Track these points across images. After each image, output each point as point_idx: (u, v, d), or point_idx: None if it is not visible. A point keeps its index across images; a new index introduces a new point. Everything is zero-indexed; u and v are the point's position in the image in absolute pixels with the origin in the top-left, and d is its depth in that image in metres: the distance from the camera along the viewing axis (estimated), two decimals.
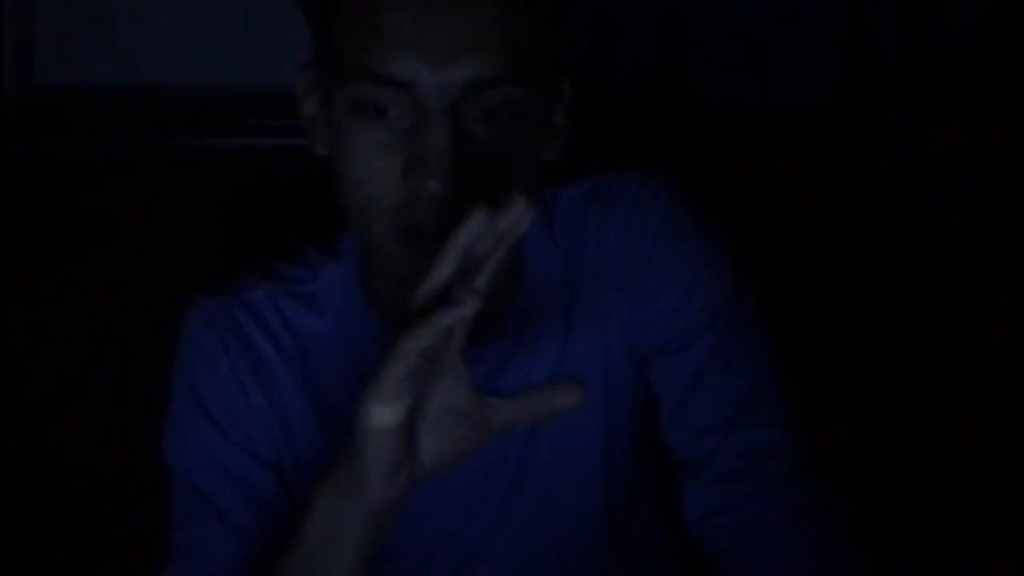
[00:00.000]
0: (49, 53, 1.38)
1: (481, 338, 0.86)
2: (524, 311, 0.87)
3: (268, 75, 1.33)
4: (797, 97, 1.45)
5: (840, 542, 0.83)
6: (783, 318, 0.92)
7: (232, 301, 0.89)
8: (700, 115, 1.40)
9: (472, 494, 0.89)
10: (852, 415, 1.27)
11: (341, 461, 0.70)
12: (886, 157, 1.37)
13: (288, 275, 0.91)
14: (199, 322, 0.89)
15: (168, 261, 1.29)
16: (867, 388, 1.30)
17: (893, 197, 1.36)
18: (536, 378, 0.87)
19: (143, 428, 0.94)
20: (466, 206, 0.73)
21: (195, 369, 0.88)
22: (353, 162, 0.76)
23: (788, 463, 0.84)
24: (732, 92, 1.45)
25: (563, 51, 0.81)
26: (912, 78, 1.44)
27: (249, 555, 0.85)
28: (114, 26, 1.39)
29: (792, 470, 0.84)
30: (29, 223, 1.28)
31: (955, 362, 1.32)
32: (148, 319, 1.23)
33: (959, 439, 1.30)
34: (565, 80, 0.83)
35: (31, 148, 1.30)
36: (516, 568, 0.91)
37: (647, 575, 0.99)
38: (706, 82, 1.44)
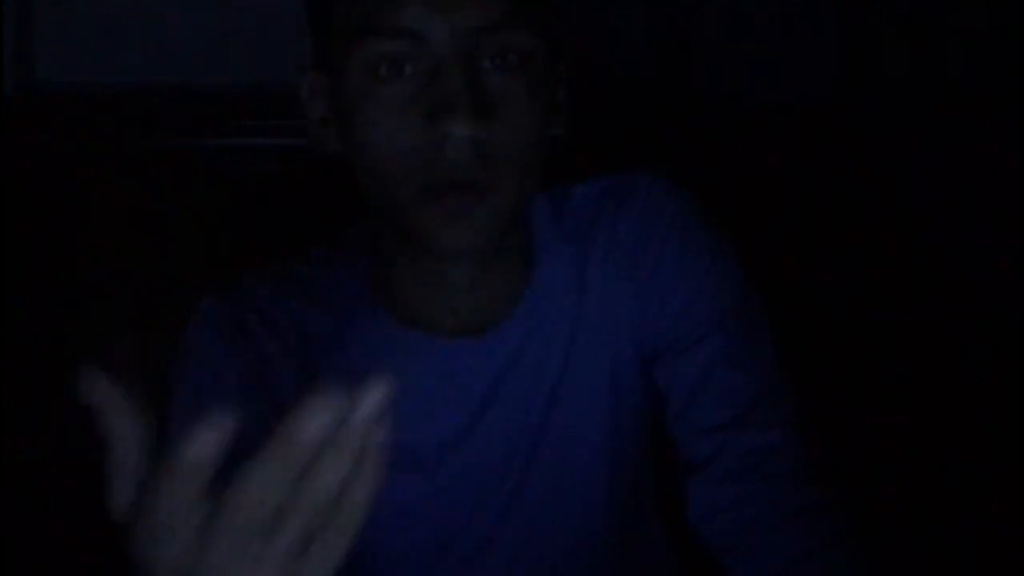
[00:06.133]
0: (49, 53, 1.38)
1: (491, 335, 0.87)
2: (533, 310, 0.87)
3: (268, 75, 1.33)
4: (797, 97, 1.45)
5: (843, 541, 0.83)
6: (786, 317, 0.93)
7: (238, 302, 0.88)
8: (701, 115, 1.41)
9: (476, 493, 0.89)
10: (856, 415, 1.27)
11: None
12: (886, 156, 1.37)
13: (295, 273, 0.90)
14: (205, 324, 0.88)
15: (168, 260, 1.29)
16: (870, 388, 1.30)
17: (893, 196, 1.36)
18: (544, 377, 0.87)
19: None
20: (490, 152, 0.75)
21: (198, 374, 0.87)
22: (373, 127, 0.77)
23: (792, 462, 0.84)
24: (733, 92, 1.45)
25: (559, 35, 0.82)
26: (912, 78, 1.44)
27: None
28: (114, 26, 1.39)
29: (796, 469, 0.84)
30: (29, 222, 1.28)
31: (957, 362, 1.32)
32: (148, 318, 1.23)
33: (961, 439, 1.30)
34: (561, 63, 0.84)
35: (31, 147, 1.30)
36: (518, 567, 0.91)
37: (648, 573, 0.99)
38: (707, 83, 1.44)
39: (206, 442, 0.53)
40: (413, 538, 0.90)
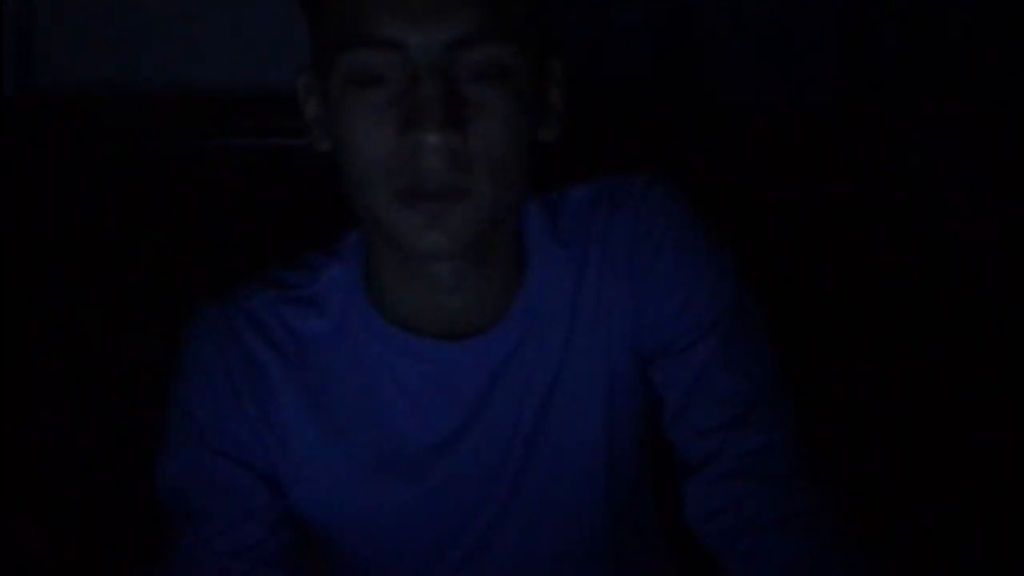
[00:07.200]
0: (49, 56, 1.38)
1: (485, 337, 0.87)
2: (527, 312, 0.88)
3: (267, 75, 1.33)
4: (797, 98, 1.45)
5: (840, 543, 0.83)
6: (784, 318, 0.93)
7: (232, 309, 0.89)
8: (701, 117, 1.41)
9: (473, 495, 0.89)
10: (853, 416, 1.27)
11: None
12: (886, 158, 1.37)
13: (288, 280, 0.91)
14: (197, 332, 0.89)
15: (168, 261, 1.29)
16: (868, 389, 1.30)
17: (893, 197, 1.36)
18: (539, 378, 0.88)
19: (143, 428, 0.94)
20: (466, 159, 0.76)
21: (189, 383, 0.88)
22: (351, 132, 0.78)
23: (789, 463, 0.84)
24: (733, 94, 1.45)
25: (550, 28, 0.83)
26: (912, 80, 1.44)
27: (242, 569, 0.84)
28: (113, 29, 1.39)
29: (793, 470, 0.84)
30: (29, 225, 1.28)
31: (956, 362, 1.32)
32: (148, 319, 1.23)
33: (959, 439, 1.30)
34: (555, 59, 0.85)
35: (31, 150, 1.31)
36: (515, 568, 0.92)
37: (646, 573, 1.00)
38: (706, 84, 1.44)
39: None
40: (411, 540, 0.90)
